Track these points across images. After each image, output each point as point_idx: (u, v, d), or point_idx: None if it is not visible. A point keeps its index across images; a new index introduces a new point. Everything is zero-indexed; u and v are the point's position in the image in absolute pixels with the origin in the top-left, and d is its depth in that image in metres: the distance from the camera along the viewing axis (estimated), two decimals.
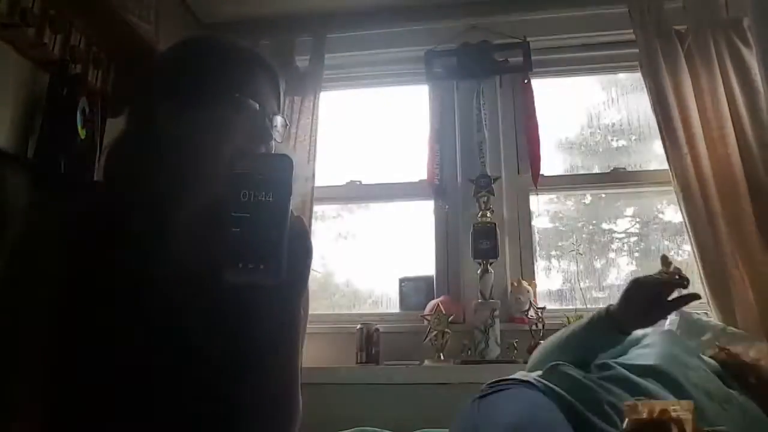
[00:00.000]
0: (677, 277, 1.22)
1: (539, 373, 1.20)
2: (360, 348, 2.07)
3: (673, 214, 2.30)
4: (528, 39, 2.34)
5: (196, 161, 0.82)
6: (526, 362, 1.86)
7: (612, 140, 2.48)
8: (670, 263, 1.34)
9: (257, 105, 0.85)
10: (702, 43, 2.10)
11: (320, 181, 2.32)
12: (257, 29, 2.45)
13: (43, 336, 0.75)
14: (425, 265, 2.34)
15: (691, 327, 1.78)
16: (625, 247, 2.40)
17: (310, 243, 0.80)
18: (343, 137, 2.55)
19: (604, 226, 2.42)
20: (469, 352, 1.97)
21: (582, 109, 2.52)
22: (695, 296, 1.25)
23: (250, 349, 0.77)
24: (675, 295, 1.22)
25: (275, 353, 0.79)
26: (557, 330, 1.38)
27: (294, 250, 0.70)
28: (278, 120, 0.89)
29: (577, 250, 2.27)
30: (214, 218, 0.75)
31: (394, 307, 2.34)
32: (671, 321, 1.84)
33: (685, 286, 1.24)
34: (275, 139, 0.88)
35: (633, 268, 2.34)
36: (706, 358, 1.32)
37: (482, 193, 2.21)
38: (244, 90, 0.85)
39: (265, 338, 0.77)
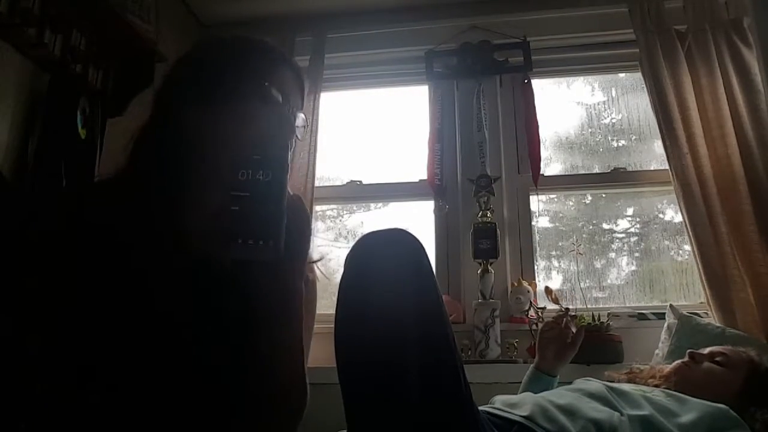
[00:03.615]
0: (562, 310, 1.60)
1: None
2: None
3: (673, 214, 2.30)
4: (528, 39, 2.34)
5: (221, 149, 0.82)
6: (525, 362, 1.87)
7: (612, 140, 2.48)
8: (551, 291, 1.97)
9: (281, 96, 0.86)
10: (702, 43, 2.10)
11: (320, 181, 2.31)
12: (257, 29, 2.45)
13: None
14: None
15: (692, 329, 1.78)
16: (626, 247, 2.40)
17: (309, 220, 0.81)
18: (343, 137, 2.55)
19: (605, 226, 2.42)
20: (470, 352, 1.97)
21: (582, 109, 2.52)
22: (581, 329, 1.55)
23: (251, 328, 0.76)
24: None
25: (277, 331, 0.78)
26: None
27: (293, 227, 0.72)
28: (300, 117, 0.90)
29: (578, 250, 2.26)
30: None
31: None
32: (670, 324, 1.85)
33: (567, 312, 1.59)
34: (297, 136, 0.88)
35: (633, 268, 2.34)
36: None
37: (482, 193, 2.21)
38: (271, 80, 0.86)
39: (266, 317, 0.77)
